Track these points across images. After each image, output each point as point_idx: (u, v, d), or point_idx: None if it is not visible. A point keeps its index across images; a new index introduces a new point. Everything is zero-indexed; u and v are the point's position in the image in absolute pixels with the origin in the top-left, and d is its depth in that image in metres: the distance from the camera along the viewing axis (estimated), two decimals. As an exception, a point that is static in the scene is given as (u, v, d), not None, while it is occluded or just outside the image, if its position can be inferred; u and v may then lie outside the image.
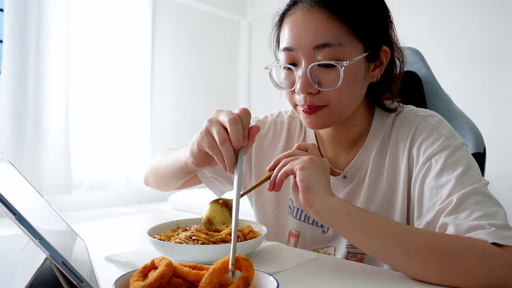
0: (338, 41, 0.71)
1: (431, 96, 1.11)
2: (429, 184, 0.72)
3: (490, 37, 2.39)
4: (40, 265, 0.44)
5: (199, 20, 3.36)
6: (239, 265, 0.46)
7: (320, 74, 0.73)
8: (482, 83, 2.42)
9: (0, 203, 0.41)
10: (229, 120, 0.64)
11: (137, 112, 2.87)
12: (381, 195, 0.83)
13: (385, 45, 0.79)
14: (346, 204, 0.66)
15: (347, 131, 0.86)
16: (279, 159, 0.74)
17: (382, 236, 0.61)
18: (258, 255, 0.74)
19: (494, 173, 2.19)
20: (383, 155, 0.83)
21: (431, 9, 2.62)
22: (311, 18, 0.72)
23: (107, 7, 2.69)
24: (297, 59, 0.75)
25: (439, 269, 0.58)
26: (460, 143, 0.75)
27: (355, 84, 0.76)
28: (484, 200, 0.65)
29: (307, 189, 0.66)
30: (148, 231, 0.74)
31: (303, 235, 0.92)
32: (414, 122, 0.80)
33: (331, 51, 0.71)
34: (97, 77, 2.66)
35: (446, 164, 0.71)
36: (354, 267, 0.69)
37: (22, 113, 2.26)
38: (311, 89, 0.74)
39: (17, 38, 2.24)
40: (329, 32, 0.71)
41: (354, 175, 0.86)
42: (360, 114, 0.85)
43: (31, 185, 0.63)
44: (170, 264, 0.50)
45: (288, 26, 0.76)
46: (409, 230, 0.63)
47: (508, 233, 0.60)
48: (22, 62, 2.25)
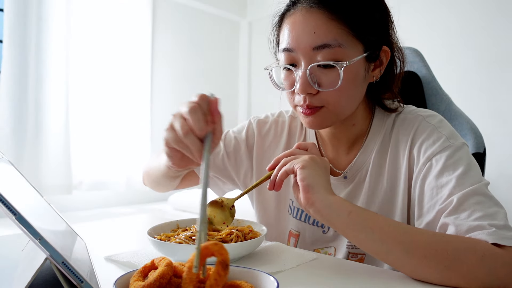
0: (337, 42, 0.71)
1: (431, 96, 1.11)
2: (430, 184, 0.72)
3: (490, 37, 2.39)
4: (40, 265, 0.44)
5: (199, 20, 3.36)
6: (211, 253, 0.44)
7: (320, 75, 0.74)
8: (482, 83, 2.42)
9: (0, 203, 0.41)
10: (188, 111, 0.58)
11: (137, 112, 2.87)
12: (382, 195, 0.83)
13: (385, 45, 0.79)
14: (347, 203, 0.66)
15: (347, 131, 0.86)
16: (279, 158, 0.75)
17: (383, 235, 0.62)
18: (258, 255, 0.74)
19: (494, 173, 2.20)
20: (384, 155, 0.83)
21: (431, 9, 2.62)
22: (310, 19, 0.72)
23: (107, 7, 2.69)
24: (296, 60, 0.75)
25: (439, 268, 0.58)
26: (461, 143, 0.75)
27: (355, 85, 0.76)
28: (485, 200, 0.65)
29: (308, 188, 0.66)
30: (148, 231, 0.74)
31: (303, 235, 0.92)
32: (415, 122, 0.80)
33: (331, 52, 0.71)
34: (97, 77, 2.66)
35: (446, 164, 0.71)
36: (354, 267, 0.69)
37: (22, 113, 2.26)
38: (310, 89, 0.74)
39: (17, 38, 2.24)
40: (329, 33, 0.71)
41: (355, 176, 0.86)
42: (360, 114, 0.85)
43: (31, 185, 0.63)
44: (170, 264, 0.50)
45: (288, 27, 0.76)
46: (410, 230, 0.63)
47: (508, 233, 0.60)
48: (22, 62, 2.25)
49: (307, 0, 0.74)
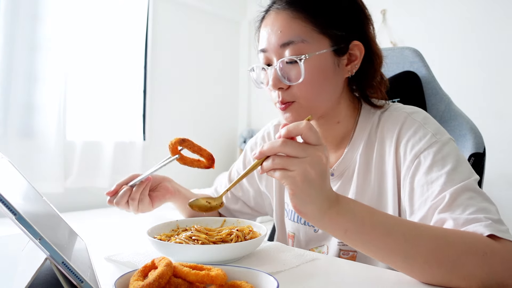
0: (301, 38, 0.76)
1: (431, 96, 1.11)
2: (420, 181, 0.72)
3: (490, 37, 2.39)
4: (40, 265, 0.44)
5: (199, 19, 3.36)
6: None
7: (287, 70, 0.78)
8: (482, 83, 2.41)
9: (0, 203, 0.41)
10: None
11: (135, 112, 2.85)
12: (370, 192, 0.83)
13: (358, 40, 0.80)
14: (342, 220, 0.60)
15: (332, 129, 0.88)
16: (265, 152, 0.59)
17: (382, 246, 0.60)
18: (258, 255, 0.74)
19: (494, 173, 2.19)
20: (370, 152, 0.84)
21: (431, 9, 2.62)
22: (278, 20, 0.79)
23: (104, 6, 2.67)
24: (270, 59, 0.81)
25: (441, 273, 0.58)
26: (447, 138, 0.75)
27: (323, 77, 0.79)
28: (476, 196, 0.66)
29: (300, 214, 0.60)
30: (148, 231, 0.74)
31: (297, 236, 0.93)
32: (400, 119, 0.80)
33: (295, 47, 0.76)
34: (94, 78, 2.62)
35: (435, 160, 0.71)
36: (354, 267, 0.69)
37: (15, 113, 2.24)
38: (280, 84, 0.78)
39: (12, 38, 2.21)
40: (292, 31, 0.77)
41: (342, 173, 0.87)
42: (344, 112, 0.86)
43: (31, 185, 0.63)
44: (170, 264, 0.50)
45: (262, 30, 0.83)
46: (411, 238, 0.59)
47: (503, 227, 0.61)
48: (17, 61, 2.23)
49: (277, 4, 0.81)
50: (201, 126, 3.30)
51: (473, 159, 0.99)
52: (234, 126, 3.66)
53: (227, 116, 3.61)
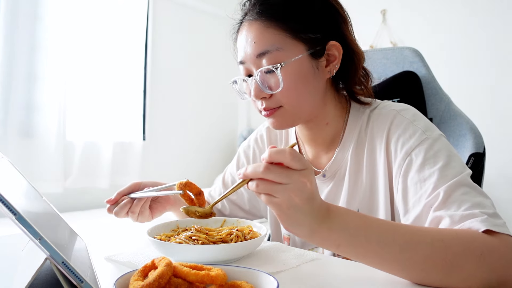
0: (275, 46, 0.77)
1: (431, 96, 1.12)
2: (413, 179, 0.72)
3: (490, 37, 2.39)
4: (40, 265, 0.44)
5: (199, 19, 3.36)
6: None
7: (266, 79, 0.78)
8: (482, 83, 2.42)
9: (0, 203, 0.41)
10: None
11: (134, 112, 2.85)
12: (362, 192, 0.83)
13: (335, 40, 0.80)
14: (334, 236, 0.58)
15: (321, 131, 0.88)
16: (248, 175, 0.56)
17: (377, 258, 0.59)
18: (258, 255, 0.74)
19: (494, 173, 2.19)
20: (361, 151, 0.84)
21: (431, 9, 2.62)
22: (251, 31, 0.80)
23: (104, 6, 2.67)
24: (250, 70, 0.81)
25: (439, 277, 0.58)
26: (438, 134, 0.75)
27: (304, 82, 0.78)
28: (470, 191, 0.66)
29: (291, 232, 0.60)
30: (148, 231, 0.74)
31: (293, 237, 0.94)
32: (389, 117, 0.80)
33: (271, 56, 0.77)
34: (94, 78, 2.62)
35: (426, 157, 0.71)
36: (354, 267, 0.69)
37: (15, 113, 2.24)
38: (262, 94, 0.79)
39: (12, 38, 2.21)
40: (266, 40, 0.77)
41: (334, 174, 0.87)
42: (332, 112, 0.86)
43: (31, 185, 0.63)
44: (170, 264, 0.50)
45: (238, 42, 0.84)
46: (406, 246, 0.58)
47: (499, 221, 0.61)
48: (17, 61, 2.23)
49: (249, 16, 0.81)
50: (201, 126, 3.30)
51: (473, 159, 0.99)
52: (234, 126, 3.66)
53: (227, 116, 3.61)
